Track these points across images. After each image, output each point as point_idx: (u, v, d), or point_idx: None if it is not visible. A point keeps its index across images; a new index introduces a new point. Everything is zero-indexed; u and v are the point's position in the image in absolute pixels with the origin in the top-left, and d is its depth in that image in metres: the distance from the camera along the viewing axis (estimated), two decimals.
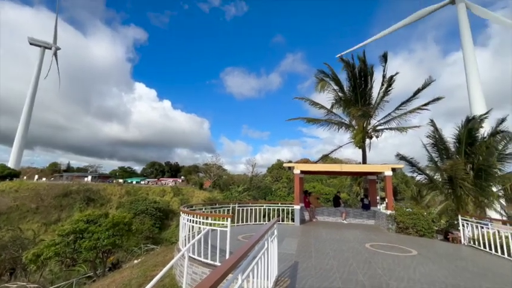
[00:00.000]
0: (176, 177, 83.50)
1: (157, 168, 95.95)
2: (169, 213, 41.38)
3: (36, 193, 40.34)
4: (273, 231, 4.72)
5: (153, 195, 46.44)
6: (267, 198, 40.63)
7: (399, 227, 9.70)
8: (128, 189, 47.63)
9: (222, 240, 5.12)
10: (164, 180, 74.93)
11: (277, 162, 71.36)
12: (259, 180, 55.75)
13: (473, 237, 8.09)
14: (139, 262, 11.43)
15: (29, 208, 37.69)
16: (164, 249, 15.27)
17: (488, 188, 10.91)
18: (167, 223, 40.01)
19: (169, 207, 42.77)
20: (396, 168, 11.58)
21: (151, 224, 35.11)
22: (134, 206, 37.63)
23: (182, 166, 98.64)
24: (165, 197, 47.00)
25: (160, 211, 38.75)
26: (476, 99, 28.81)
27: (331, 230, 10.12)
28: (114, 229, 13.21)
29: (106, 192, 45.11)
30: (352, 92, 16.49)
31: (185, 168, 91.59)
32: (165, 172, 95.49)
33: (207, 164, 63.82)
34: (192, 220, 6.01)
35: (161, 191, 49.30)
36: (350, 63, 15.82)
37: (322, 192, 41.69)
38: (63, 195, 41.07)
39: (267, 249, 3.89)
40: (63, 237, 12.51)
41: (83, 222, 13.14)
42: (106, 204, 42.23)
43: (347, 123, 17.02)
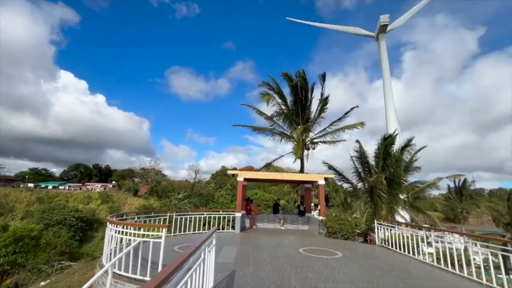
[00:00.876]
0: (106, 182, 74.21)
1: (83, 172, 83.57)
2: (94, 223, 36.30)
3: None
4: (212, 241, 4.61)
5: (75, 203, 40.11)
6: (209, 206, 39.65)
7: (329, 231, 10.72)
8: (41, 196, 39.97)
9: (156, 252, 4.73)
10: (90, 186, 65.65)
11: (222, 169, 70.80)
12: (202, 187, 54.11)
13: (384, 239, 9.52)
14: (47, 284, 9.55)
15: None
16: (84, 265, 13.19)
17: (397, 196, 13.11)
18: (91, 235, 34.97)
19: (95, 216, 37.57)
20: (328, 177, 12.86)
21: (69, 236, 30.09)
22: (47, 215, 31.67)
23: (115, 170, 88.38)
24: (90, 205, 41.15)
25: (83, 221, 33.65)
26: (391, 121, 34.61)
27: (269, 237, 10.48)
28: (16, 245, 10.78)
29: (8, 199, 36.81)
30: (294, 106, 17.76)
31: (118, 172, 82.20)
32: (93, 176, 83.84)
33: (145, 168, 58.71)
34: (121, 231, 5.38)
35: (86, 198, 42.99)
36: (293, 80, 17.07)
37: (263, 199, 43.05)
38: None
39: (203, 259, 3.76)
40: None
41: None
42: (6, 214, 34.36)
43: (289, 135, 18.16)
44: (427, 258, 7.41)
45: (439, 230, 8.82)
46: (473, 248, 6.34)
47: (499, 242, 5.86)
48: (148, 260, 4.79)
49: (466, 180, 33.15)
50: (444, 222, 53.63)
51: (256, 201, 40.25)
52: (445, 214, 59.74)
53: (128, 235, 5.30)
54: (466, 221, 40.77)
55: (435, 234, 7.82)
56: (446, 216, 60.00)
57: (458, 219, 45.44)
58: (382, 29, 38.58)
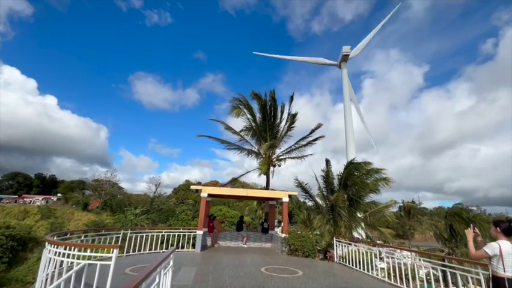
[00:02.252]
0: (50, 195, 65.79)
1: (21, 182, 73.14)
2: (29, 243, 31.47)
3: None
4: (169, 262, 4.32)
5: (7, 218, 34.55)
6: (169, 223, 37.34)
7: (291, 249, 10.79)
8: None
9: (103, 276, 4.23)
10: (29, 198, 57.56)
11: (185, 183, 68.08)
12: (162, 201, 50.98)
13: (342, 255, 9.90)
14: None
15: None
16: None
17: (355, 214, 13.87)
18: (24, 256, 30.16)
19: (31, 234, 32.64)
20: (292, 194, 13.15)
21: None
22: None
23: (62, 181, 79.18)
24: (26, 221, 35.83)
25: (14, 239, 28.93)
26: (350, 142, 37.27)
27: (231, 255, 10.16)
28: None
29: None
30: (263, 123, 18.19)
31: (66, 183, 73.72)
32: (33, 187, 73.75)
33: (98, 179, 53.61)
34: (63, 253, 4.74)
35: (21, 212, 37.42)
36: (262, 98, 17.61)
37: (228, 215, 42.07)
38: None
39: (158, 284, 3.48)
40: None
41: None
42: None
43: (256, 151, 18.38)
44: (379, 273, 7.86)
45: (390, 247, 9.47)
46: (418, 263, 6.93)
47: (439, 258, 6.50)
48: (92, 285, 4.27)
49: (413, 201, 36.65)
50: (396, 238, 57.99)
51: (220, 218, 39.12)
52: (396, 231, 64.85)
53: (71, 257, 4.69)
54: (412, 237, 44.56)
55: (387, 250, 8.38)
56: (396, 233, 65.05)
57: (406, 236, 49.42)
58: (344, 59, 42.40)
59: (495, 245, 3.21)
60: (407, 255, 7.98)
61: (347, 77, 41.99)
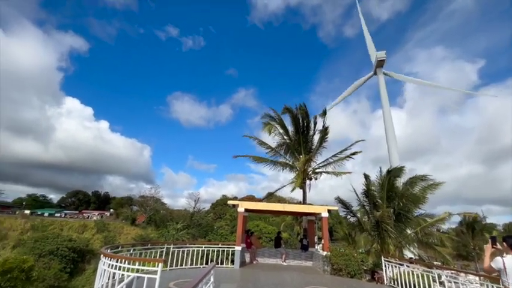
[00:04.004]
0: (104, 210, 72.54)
1: (81, 199, 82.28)
2: (87, 254, 34.66)
3: None
4: (210, 278, 4.36)
5: (69, 232, 38.81)
6: (208, 237, 38.11)
7: (334, 268, 10.10)
8: (36, 223, 38.89)
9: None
10: (87, 213, 64.13)
11: (222, 198, 69.44)
12: (201, 216, 52.56)
13: (393, 277, 8.92)
14: None
15: None
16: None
17: (405, 231, 12.57)
18: (82, 267, 33.22)
19: (88, 246, 36.01)
20: (332, 209, 12.50)
21: (60, 268, 28.58)
22: (40, 245, 30.47)
23: (114, 197, 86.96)
24: (85, 234, 39.74)
25: (75, 251, 32.19)
26: (392, 151, 34.61)
27: (270, 273, 9.88)
28: (3, 277, 10.21)
29: (2, 226, 35.78)
30: (295, 137, 18.01)
31: (117, 199, 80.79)
32: (91, 203, 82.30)
33: (144, 196, 57.74)
34: (115, 266, 5.13)
35: (81, 226, 41.70)
36: (294, 112, 17.57)
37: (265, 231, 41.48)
38: None
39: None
40: None
41: None
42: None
43: (291, 165, 18.11)
44: None
45: (452, 269, 8.27)
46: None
47: None
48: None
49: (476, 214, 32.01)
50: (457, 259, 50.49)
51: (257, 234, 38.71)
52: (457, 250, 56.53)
53: (121, 270, 5.04)
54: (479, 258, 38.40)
55: (448, 274, 7.34)
56: (458, 253, 56.67)
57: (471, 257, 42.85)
58: (379, 64, 40.53)
59: (499, 259, 3.43)
60: (474, 280, 6.88)
61: (383, 83, 39.88)
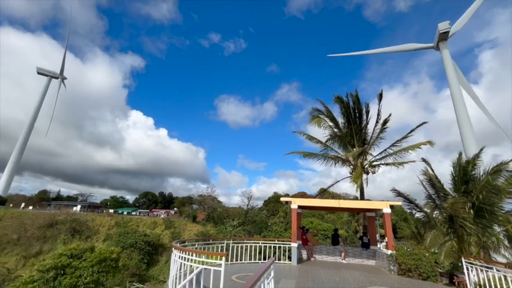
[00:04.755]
0: (169, 209, 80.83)
1: (150, 199, 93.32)
2: (159, 248, 39.13)
3: (20, 222, 38.34)
4: (270, 272, 4.49)
5: (144, 228, 44.42)
6: (263, 234, 38.98)
7: (401, 268, 9.24)
8: (118, 220, 45.64)
9: (215, 280, 4.81)
10: (156, 212, 72.38)
11: (274, 195, 70.11)
12: (255, 213, 54.09)
13: (479, 282, 7.69)
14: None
15: (9, 239, 35.49)
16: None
17: (491, 229, 10.67)
18: (156, 258, 37.63)
19: (159, 240, 40.61)
20: (395, 205, 11.43)
21: (139, 259, 32.99)
22: (122, 238, 35.72)
23: (176, 197, 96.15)
24: (156, 230, 44.92)
25: (150, 245, 36.70)
26: (466, 135, 29.67)
27: (330, 271, 9.59)
28: (100, 265, 12.35)
29: (94, 223, 43.08)
30: (347, 128, 16.98)
31: (179, 199, 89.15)
32: (158, 203, 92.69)
33: (202, 195, 62.33)
34: (184, 257, 5.70)
35: (152, 223, 47.29)
36: (344, 101, 16.53)
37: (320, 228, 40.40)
38: (48, 225, 39.04)
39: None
40: (42, 273, 11.60)
41: (66, 256, 12.31)
42: (92, 236, 40.06)
43: (343, 158, 17.19)
44: None
45: None
46: None
47: None
48: (208, 287, 4.89)
49: None
50: None
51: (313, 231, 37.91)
52: None
53: (190, 261, 5.57)
54: None
55: None
56: None
57: None
58: (442, 37, 35.16)
59: None
60: None
61: (449, 57, 34.47)
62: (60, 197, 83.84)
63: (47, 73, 74.92)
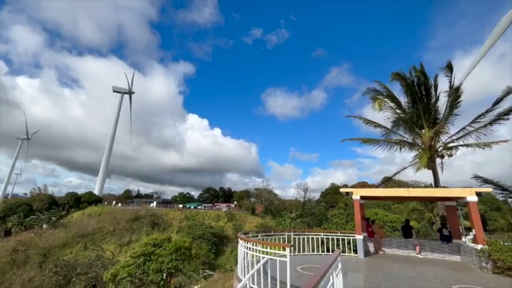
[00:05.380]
0: (229, 202, 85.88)
1: (212, 194, 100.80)
2: (224, 239, 42.13)
3: (113, 217, 46.34)
4: (337, 264, 4.37)
5: (209, 220, 48.37)
6: (323, 226, 38.08)
7: (497, 266, 7.82)
8: (187, 214, 50.81)
9: (281, 271, 4.94)
10: (218, 206, 77.78)
11: (331, 187, 67.53)
12: (313, 206, 53.10)
13: None
14: None
15: (108, 230, 43.29)
16: (222, 276, 15.41)
17: None
18: (222, 249, 40.64)
19: (223, 232, 43.67)
20: (483, 191, 9.69)
21: (207, 249, 36.17)
22: (192, 230, 39.67)
23: (235, 191, 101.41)
24: (219, 222, 48.39)
25: (215, 236, 39.82)
26: None
27: (403, 266, 8.77)
28: (177, 253, 14.04)
29: (168, 217, 48.99)
30: (412, 108, 15.06)
31: (237, 193, 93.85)
32: (219, 197, 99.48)
33: (258, 188, 64.27)
34: (250, 248, 6.01)
35: (216, 216, 51.10)
36: (407, 78, 14.66)
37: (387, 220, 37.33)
38: (133, 219, 46.15)
39: (332, 284, 3.60)
40: (134, 259, 13.82)
41: (150, 245, 14.37)
42: (168, 228, 45.64)
43: (410, 142, 15.35)
44: None
45: None
46: None
47: None
48: (274, 277, 5.06)
49: None
50: None
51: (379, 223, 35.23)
52: None
53: (255, 251, 5.85)
54: None
55: None
56: None
57: None
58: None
59: None
60: None
61: None
62: (140, 195, 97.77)
63: (121, 90, 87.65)
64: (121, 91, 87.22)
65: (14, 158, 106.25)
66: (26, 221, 45.92)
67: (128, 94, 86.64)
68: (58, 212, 50.32)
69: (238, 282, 6.04)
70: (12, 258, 29.18)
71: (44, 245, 36.13)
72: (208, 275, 22.41)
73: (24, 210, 50.32)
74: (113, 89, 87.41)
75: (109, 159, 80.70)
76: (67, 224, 44.94)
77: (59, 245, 38.33)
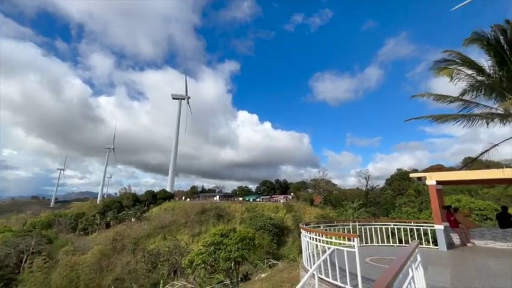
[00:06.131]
0: (286, 194, 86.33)
1: (269, 186, 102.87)
2: (284, 230, 42.70)
3: (184, 211, 51.86)
4: (416, 256, 3.96)
5: (268, 212, 49.64)
6: (392, 216, 34.93)
7: None
8: (247, 206, 53.21)
9: (350, 262, 4.74)
10: (276, 197, 79.03)
11: (398, 172, 61.17)
12: (377, 194, 49.06)
13: None
14: (266, 276, 12.24)
15: (181, 223, 48.75)
16: (287, 265, 15.72)
17: None
18: (284, 239, 41.28)
19: (283, 223, 44.24)
20: None
21: (270, 239, 37.25)
22: (253, 221, 41.37)
23: (291, 183, 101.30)
24: (278, 214, 49.17)
25: (276, 227, 40.64)
26: None
27: (503, 261, 7.37)
28: (242, 243, 14.91)
29: (231, 209, 52.22)
30: (500, 71, 12.28)
31: (294, 184, 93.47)
32: (276, 189, 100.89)
33: (315, 179, 62.68)
34: (313, 238, 5.94)
35: (274, 208, 52.09)
36: (490, 36, 11.99)
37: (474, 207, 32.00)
38: (201, 212, 50.74)
39: (412, 278, 3.27)
40: (206, 248, 15.26)
41: (218, 235, 15.63)
42: (231, 220, 48.73)
43: (501, 113, 12.61)
44: None
45: None
46: None
47: None
48: (343, 268, 4.88)
49: None
50: None
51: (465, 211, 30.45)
52: None
53: (319, 242, 5.74)
54: None
55: None
56: None
57: None
58: None
59: None
60: None
61: None
62: (204, 190, 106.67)
63: (178, 97, 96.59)
64: (179, 97, 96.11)
65: (105, 164, 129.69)
66: (119, 215, 55.53)
67: (186, 99, 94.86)
68: (141, 207, 59.15)
69: (305, 272, 6.05)
70: (113, 246, 35.69)
71: (133, 235, 43.01)
72: (272, 264, 23.14)
73: (117, 207, 60.72)
74: (172, 97, 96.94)
75: (175, 160, 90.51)
76: (149, 217, 52.45)
77: (144, 235, 45.09)
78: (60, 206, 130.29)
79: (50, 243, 36.60)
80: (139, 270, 26.79)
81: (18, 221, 72.00)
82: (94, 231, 55.06)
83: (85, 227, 56.88)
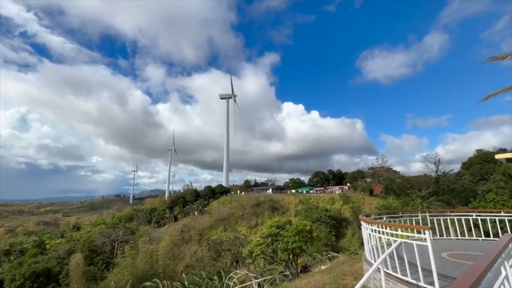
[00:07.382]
0: (341, 185, 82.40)
1: (322, 177, 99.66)
2: (342, 222, 41.00)
3: (240, 204, 54.38)
4: (510, 253, 3.35)
5: (323, 203, 48.23)
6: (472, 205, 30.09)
7: None
8: (301, 198, 52.72)
9: (421, 256, 4.28)
10: (330, 188, 76.19)
11: (478, 154, 52.21)
12: (451, 181, 42.72)
13: None
14: (326, 268, 12.01)
15: (238, 215, 51.35)
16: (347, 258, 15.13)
17: None
18: (342, 231, 39.69)
19: (341, 215, 42.46)
20: None
21: (327, 231, 36.27)
22: (308, 214, 40.81)
23: (346, 172, 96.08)
24: (335, 205, 47.34)
25: (333, 219, 39.29)
26: None
27: None
28: (299, 235, 14.90)
29: (284, 202, 52.56)
30: None
31: (349, 174, 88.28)
32: (329, 180, 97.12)
33: (373, 167, 57.95)
34: (376, 230, 5.55)
35: (330, 199, 50.32)
36: None
37: None
38: (256, 205, 52.44)
39: (506, 277, 2.78)
40: (264, 239, 15.75)
41: (274, 227, 15.94)
42: (286, 212, 49.06)
43: None
44: None
45: None
46: None
47: None
48: (414, 263, 4.45)
49: None
50: None
51: None
52: None
53: (382, 234, 5.34)
54: None
55: None
56: None
57: None
58: None
59: None
60: None
61: None
62: (257, 183, 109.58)
63: (225, 96, 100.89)
64: (226, 97, 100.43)
65: (169, 164, 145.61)
66: (184, 209, 61.64)
67: (233, 97, 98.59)
68: (202, 202, 64.41)
69: (369, 265, 5.73)
70: (182, 237, 39.97)
71: (198, 227, 47.24)
72: (332, 257, 22.52)
73: (182, 202, 67.50)
74: (220, 97, 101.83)
75: (228, 156, 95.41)
76: (209, 211, 56.78)
77: (207, 227, 49.07)
78: (137, 203, 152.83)
79: (132, 234, 43.17)
80: (205, 258, 29.46)
81: (108, 215, 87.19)
82: (165, 224, 62.44)
83: (157, 220, 64.98)
